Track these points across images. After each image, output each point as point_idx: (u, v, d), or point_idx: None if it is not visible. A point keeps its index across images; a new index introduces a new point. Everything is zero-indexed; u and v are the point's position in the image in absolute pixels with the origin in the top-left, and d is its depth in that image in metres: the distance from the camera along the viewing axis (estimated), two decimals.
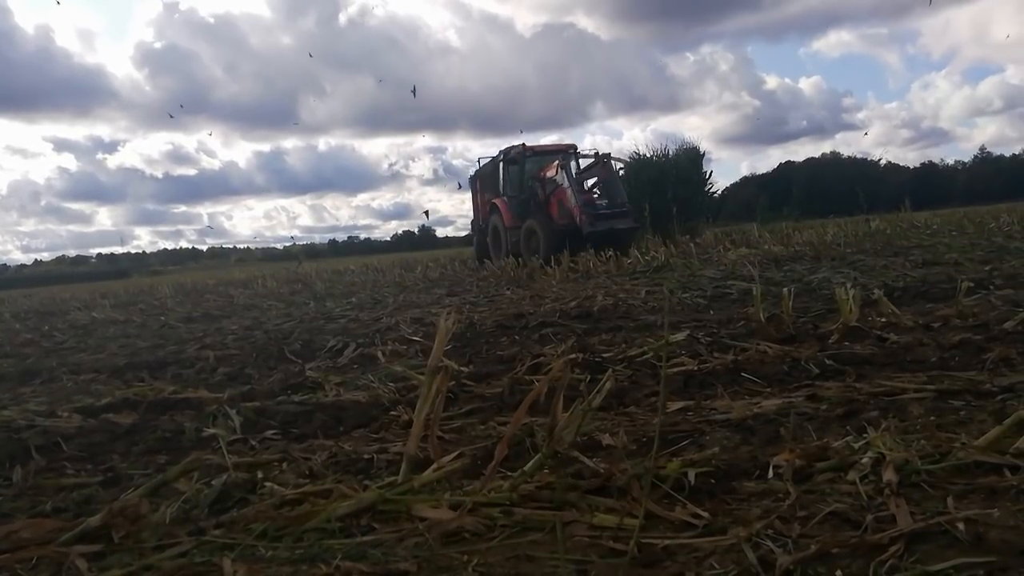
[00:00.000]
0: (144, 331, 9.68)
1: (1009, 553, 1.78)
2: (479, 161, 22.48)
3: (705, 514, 2.12)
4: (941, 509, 2.04)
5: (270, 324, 8.91)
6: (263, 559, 2.11)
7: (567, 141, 22.55)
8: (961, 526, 1.90)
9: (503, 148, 21.01)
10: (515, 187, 20.14)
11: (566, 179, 17.67)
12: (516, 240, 18.76)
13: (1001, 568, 1.73)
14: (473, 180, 22.75)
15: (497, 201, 20.15)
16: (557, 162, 18.52)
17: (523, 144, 20.12)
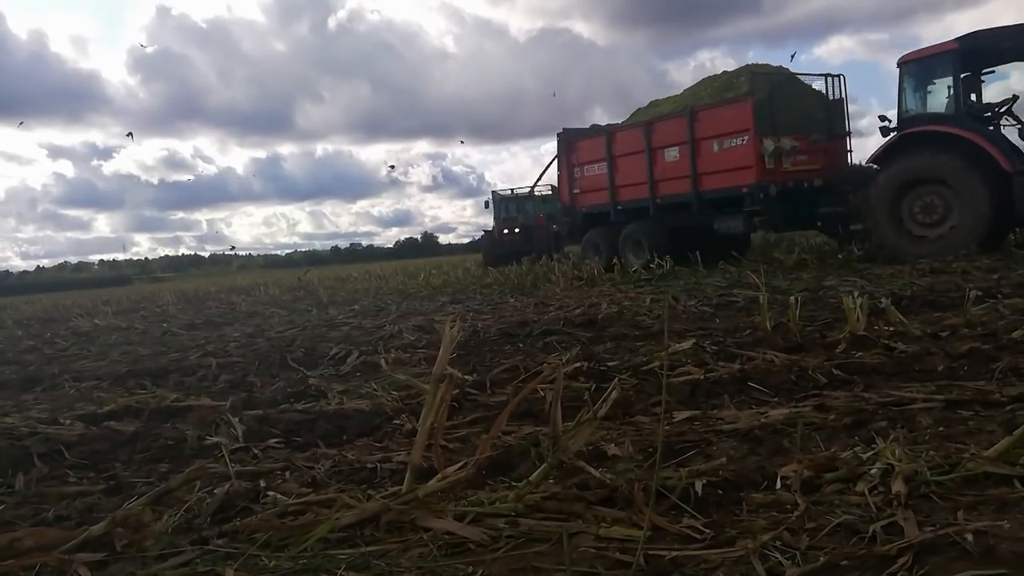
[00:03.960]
0: (146, 338, 9.68)
1: (1019, 565, 1.76)
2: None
3: (707, 530, 2.10)
4: (950, 520, 2.02)
5: (272, 331, 8.90)
6: (266, 569, 2.10)
7: None
8: (970, 538, 1.88)
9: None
10: None
11: None
12: None
13: None
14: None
15: None
16: None
17: None
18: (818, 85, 14.15)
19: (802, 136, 13.43)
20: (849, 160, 14.19)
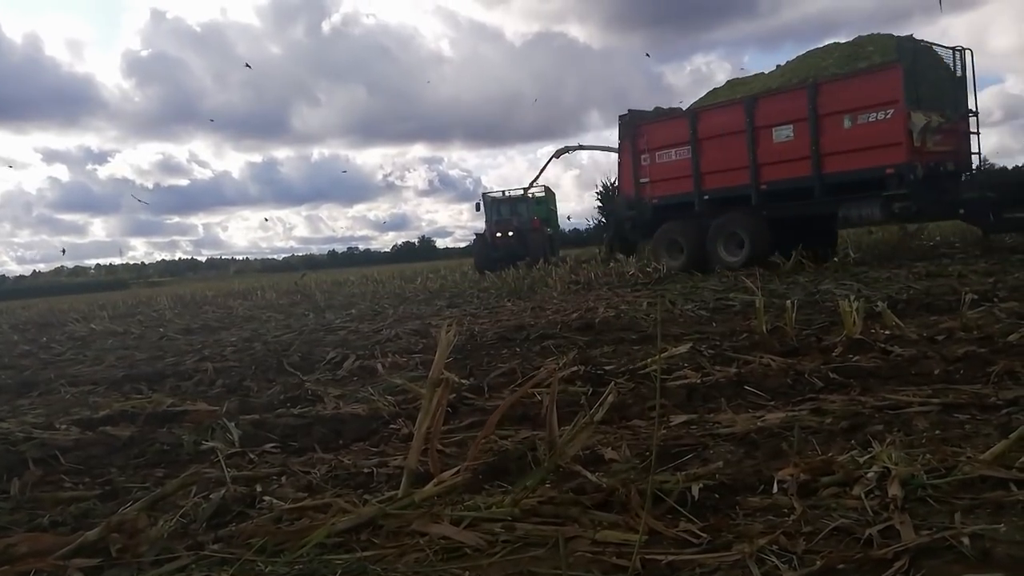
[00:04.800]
0: (142, 343, 9.66)
1: (1015, 569, 1.76)
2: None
3: (704, 534, 2.10)
4: (947, 524, 2.02)
5: (269, 336, 8.89)
6: (262, 574, 2.09)
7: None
8: (967, 541, 1.88)
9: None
10: None
11: None
12: None
13: None
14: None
15: None
16: None
17: None
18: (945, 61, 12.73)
19: (940, 113, 12.03)
20: (975, 144, 12.78)
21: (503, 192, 26.97)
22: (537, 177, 26.94)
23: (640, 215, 15.40)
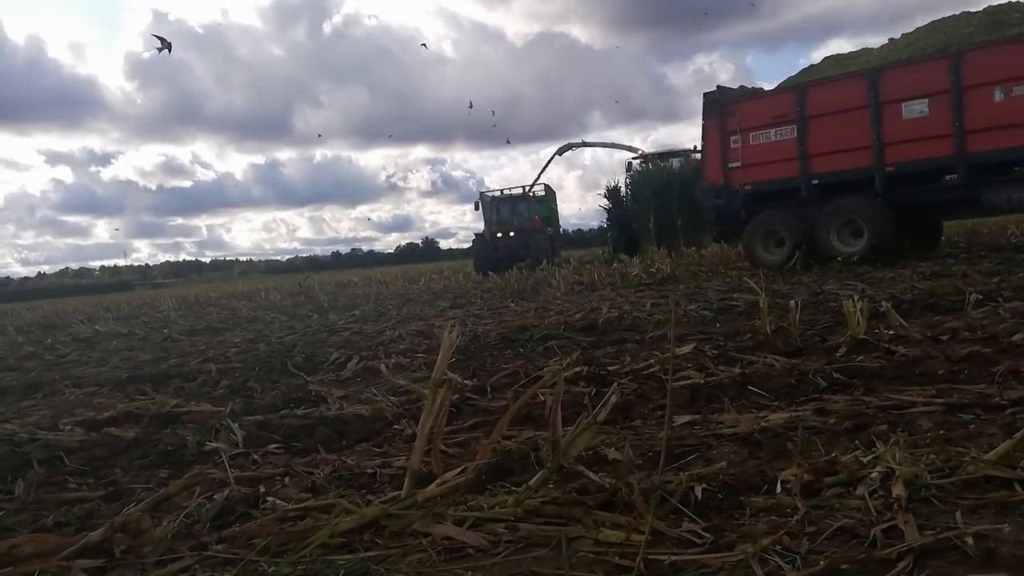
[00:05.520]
0: (147, 344, 9.68)
1: (1020, 569, 1.76)
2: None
3: (707, 534, 2.09)
4: (951, 524, 2.01)
5: (273, 337, 8.90)
6: (265, 574, 2.10)
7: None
8: (971, 541, 1.87)
9: None
10: None
11: None
12: None
13: None
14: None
15: None
16: None
17: None
18: None
19: None
20: None
21: (502, 191, 26.41)
22: (540, 175, 26.81)
23: (728, 204, 13.53)
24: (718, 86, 13.87)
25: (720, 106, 13.42)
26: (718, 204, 13.80)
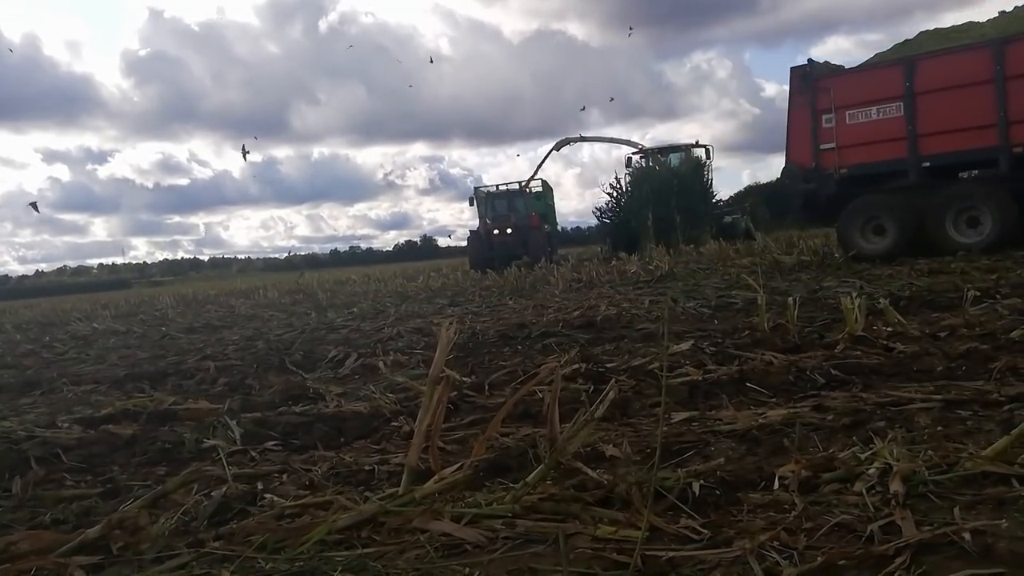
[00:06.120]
0: (145, 342, 9.68)
1: (1017, 564, 1.76)
2: None
3: (705, 530, 2.09)
4: (948, 520, 2.01)
5: (271, 334, 8.90)
6: (263, 571, 2.09)
7: None
8: (968, 537, 1.88)
9: None
10: None
11: None
12: None
13: None
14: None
15: None
16: None
17: None
18: None
19: None
20: None
21: (497, 186, 25.98)
22: (536, 171, 26.65)
23: (821, 189, 12.14)
24: (809, 59, 12.52)
25: (811, 81, 12.03)
26: (808, 189, 12.34)
